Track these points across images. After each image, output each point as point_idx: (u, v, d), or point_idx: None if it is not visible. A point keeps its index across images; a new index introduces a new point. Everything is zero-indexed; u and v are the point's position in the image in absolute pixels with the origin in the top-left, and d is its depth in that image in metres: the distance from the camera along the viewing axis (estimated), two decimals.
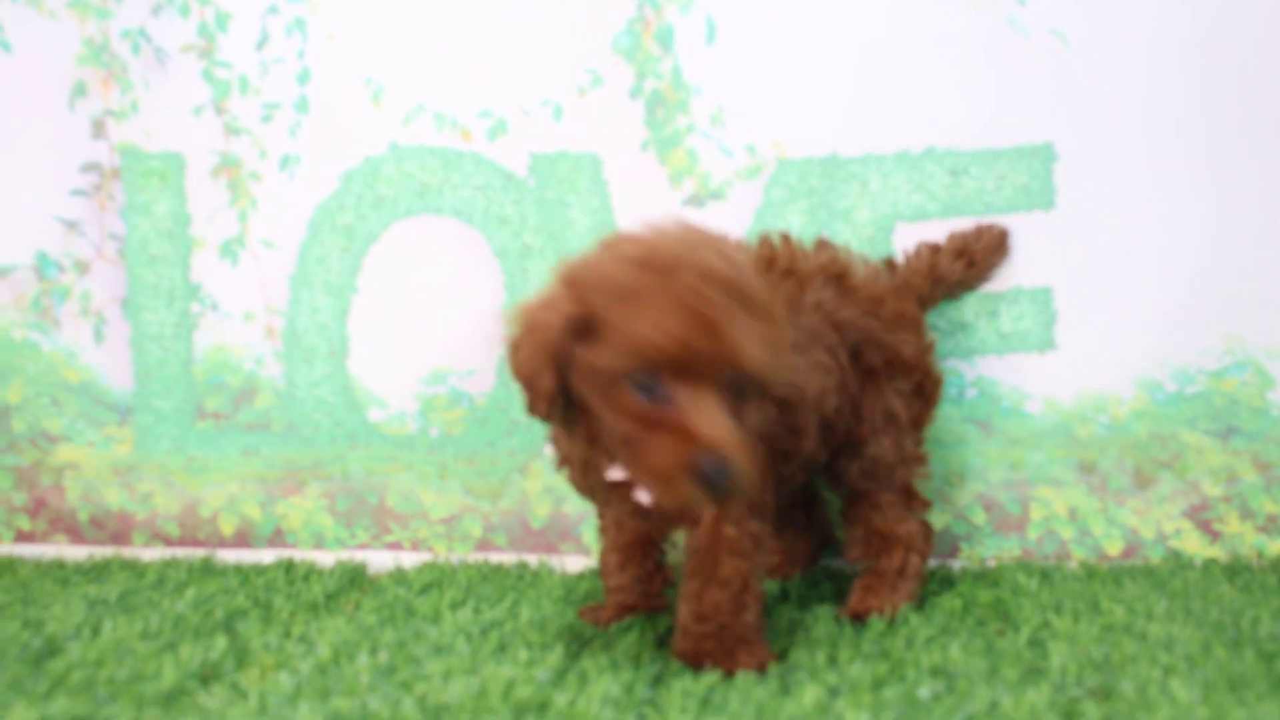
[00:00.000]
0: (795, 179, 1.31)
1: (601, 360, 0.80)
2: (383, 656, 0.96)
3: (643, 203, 1.33)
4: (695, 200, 1.32)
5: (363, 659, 0.95)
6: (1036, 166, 1.29)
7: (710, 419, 0.78)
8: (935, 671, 0.90)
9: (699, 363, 0.78)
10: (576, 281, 0.83)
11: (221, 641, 1.00)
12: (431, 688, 0.86)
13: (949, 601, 1.14)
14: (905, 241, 1.29)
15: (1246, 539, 1.29)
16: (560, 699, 0.82)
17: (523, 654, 0.95)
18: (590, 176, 1.34)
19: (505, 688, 0.85)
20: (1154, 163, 1.28)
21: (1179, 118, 1.27)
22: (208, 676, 0.92)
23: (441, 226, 1.36)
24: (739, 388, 0.81)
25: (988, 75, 1.29)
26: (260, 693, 0.86)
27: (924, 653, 0.95)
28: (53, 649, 0.99)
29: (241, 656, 0.97)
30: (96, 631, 1.05)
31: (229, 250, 1.40)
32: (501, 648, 0.98)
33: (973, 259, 1.25)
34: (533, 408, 0.86)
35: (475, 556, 1.36)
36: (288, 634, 1.05)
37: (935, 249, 1.25)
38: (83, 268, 1.41)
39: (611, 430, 0.83)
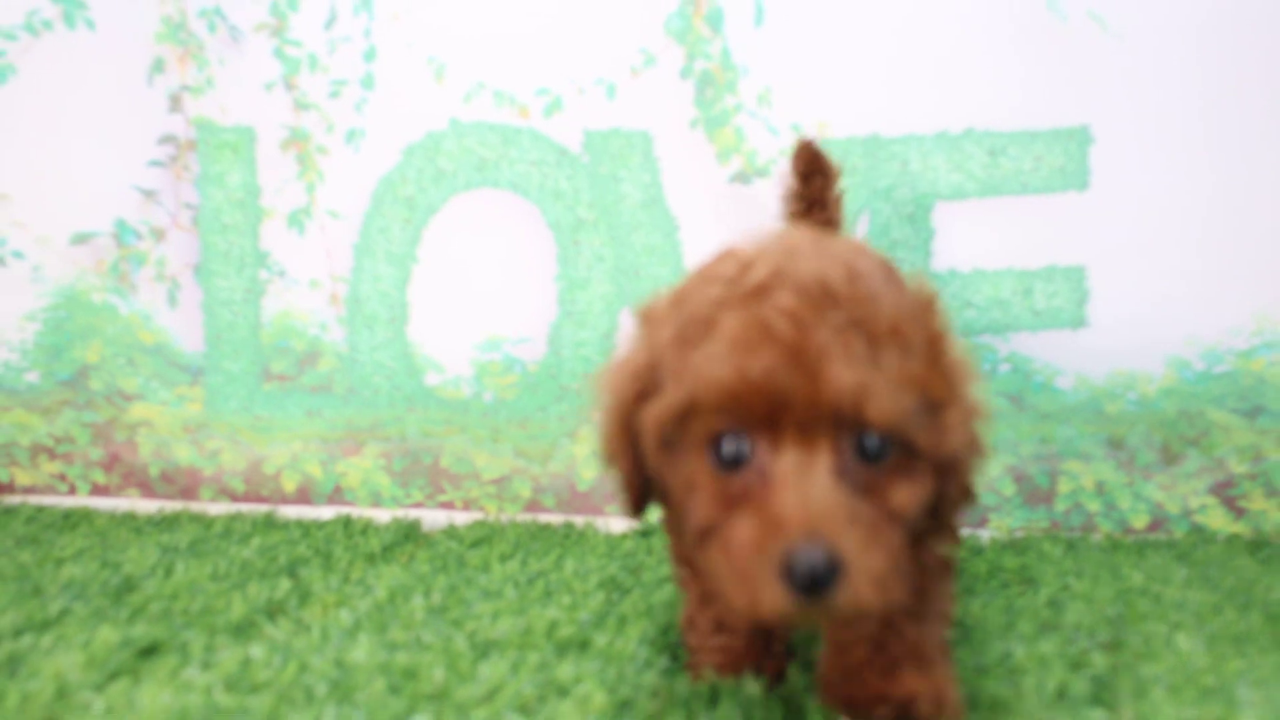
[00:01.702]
0: (839, 157, 1.35)
1: (655, 415, 0.61)
2: (435, 598, 1.03)
3: (691, 179, 1.38)
4: (742, 177, 1.38)
5: (417, 600, 1.02)
6: (1072, 148, 1.33)
7: (808, 490, 0.55)
8: (955, 624, 0.95)
9: (790, 410, 0.56)
10: (650, 317, 0.65)
11: (285, 583, 1.07)
12: (481, 626, 0.93)
13: (975, 566, 1.18)
14: (943, 219, 1.34)
15: (1270, 516, 1.32)
16: (600, 639, 0.88)
17: (566, 599, 1.02)
18: (641, 153, 1.39)
19: (549, 627, 0.92)
20: (1186, 145, 1.31)
21: (1211, 101, 1.30)
22: (274, 612, 0.99)
23: (499, 199, 1.42)
24: (874, 448, 0.58)
25: (1026, 58, 1.33)
26: (323, 626, 0.93)
27: None
28: (130, 586, 1.07)
29: (304, 597, 1.04)
30: (169, 572, 1.12)
31: (296, 220, 1.46)
32: (547, 594, 1.05)
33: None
34: (621, 501, 0.69)
35: (524, 516, 1.42)
36: (346, 579, 1.12)
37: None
38: (159, 235, 1.49)
39: (685, 518, 0.62)
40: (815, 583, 0.54)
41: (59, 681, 0.78)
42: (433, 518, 1.43)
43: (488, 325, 1.43)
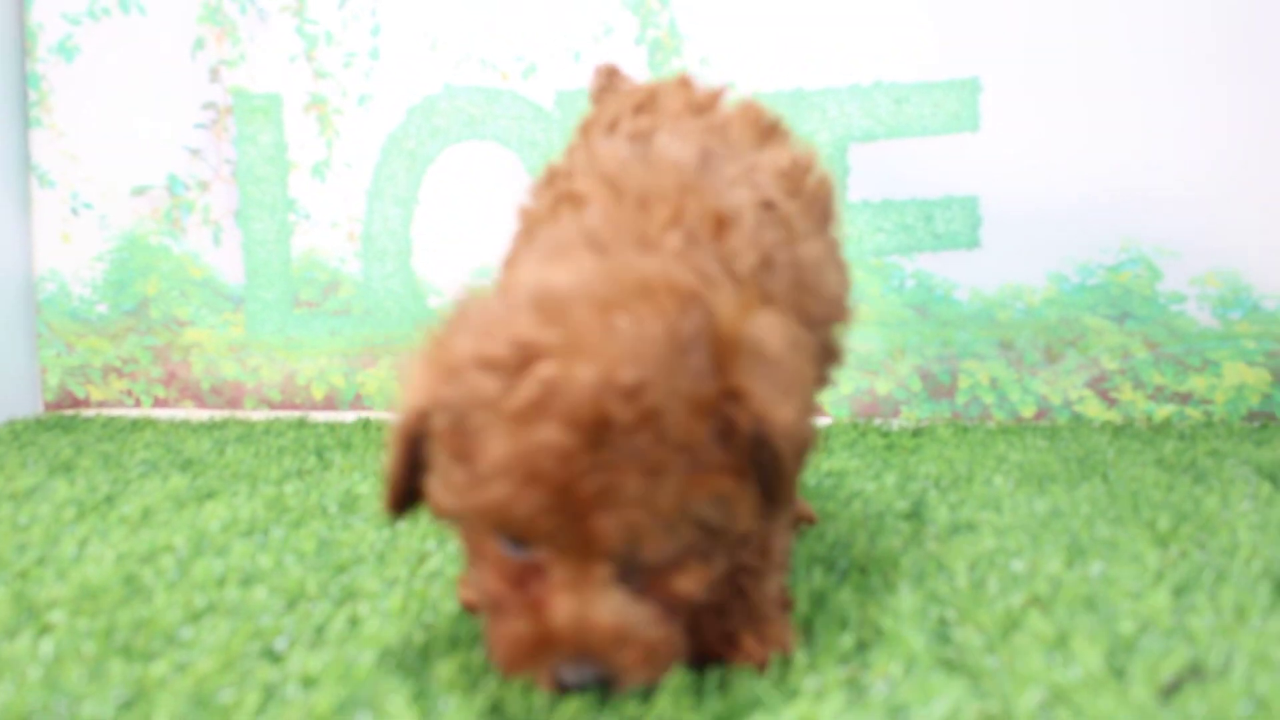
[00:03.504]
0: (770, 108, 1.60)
1: (438, 497, 0.57)
2: None
3: None
4: None
5: None
6: (965, 96, 1.57)
7: (582, 607, 0.54)
8: (829, 472, 1.23)
9: (562, 542, 0.54)
10: (435, 361, 0.57)
11: (312, 460, 1.36)
12: None
13: (874, 441, 1.44)
14: (857, 159, 1.59)
15: (1138, 405, 1.57)
16: None
17: None
18: None
19: None
20: (1062, 91, 1.54)
21: (1083, 52, 1.53)
22: (303, 473, 1.28)
23: (485, 150, 1.69)
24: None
25: (924, 18, 1.57)
26: (340, 479, 1.21)
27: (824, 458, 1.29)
28: (192, 461, 1.36)
29: (326, 466, 1.33)
30: (222, 453, 1.41)
31: (318, 171, 1.73)
32: None
33: None
34: (383, 493, 0.62)
35: None
36: (362, 458, 1.39)
37: None
38: (204, 186, 1.77)
39: (472, 569, 0.60)
40: (583, 690, 0.55)
41: (144, 509, 1.07)
42: None
43: (478, 255, 1.69)
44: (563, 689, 0.55)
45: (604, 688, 0.55)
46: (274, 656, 0.66)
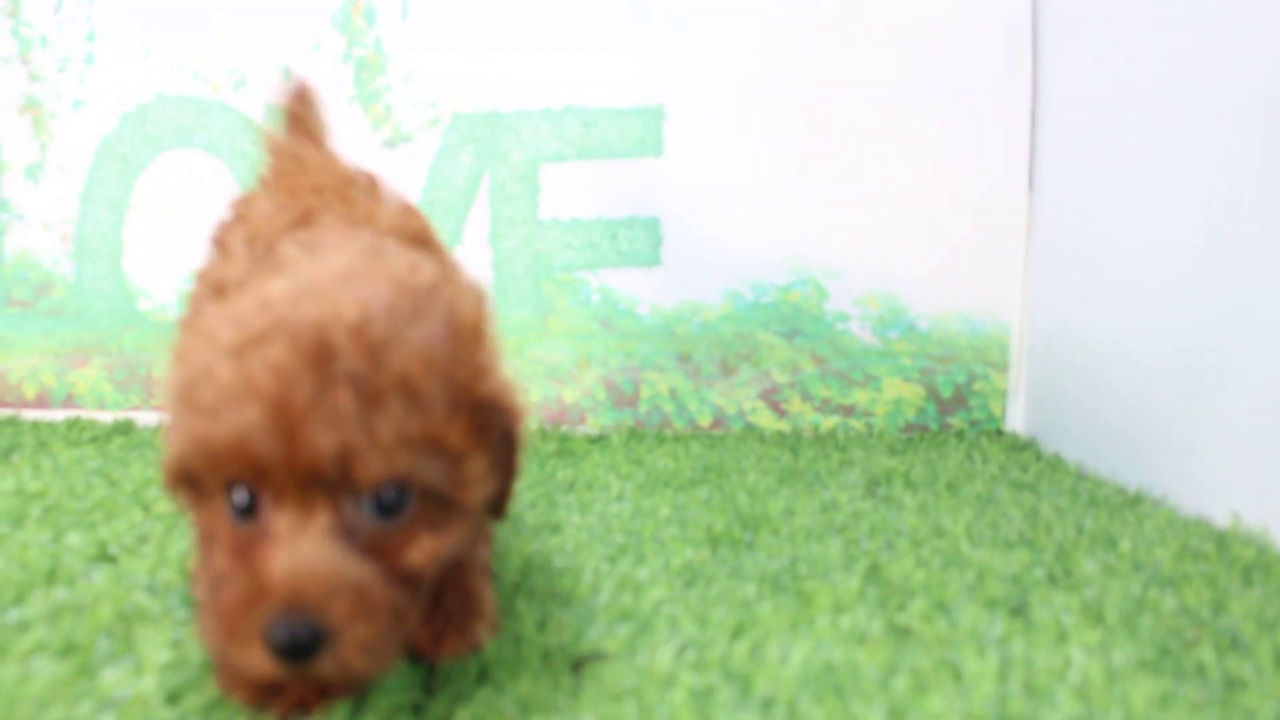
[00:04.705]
0: (466, 128, 1.69)
1: (163, 464, 0.57)
2: (100, 462, 1.35)
3: (351, 144, 1.68)
4: (390, 143, 1.70)
5: (92, 463, 1.35)
6: (650, 122, 1.67)
7: (296, 554, 0.53)
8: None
9: (277, 471, 0.54)
10: (175, 357, 0.60)
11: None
12: (132, 473, 1.26)
13: (551, 445, 1.53)
14: (548, 178, 1.67)
15: (806, 416, 1.69)
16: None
17: None
18: None
19: None
20: (740, 123, 1.65)
21: (758, 86, 1.65)
22: None
23: (196, 159, 1.73)
24: (390, 501, 0.56)
25: (613, 49, 1.66)
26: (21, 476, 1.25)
27: None
28: None
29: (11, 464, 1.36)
30: None
31: (32, 173, 1.76)
32: None
33: None
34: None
35: None
36: (55, 457, 1.43)
37: None
38: None
39: (206, 564, 0.59)
40: (297, 652, 0.52)
41: None
42: (147, 418, 1.74)
43: (188, 259, 1.72)
44: (278, 652, 0.52)
45: (317, 647, 0.52)
46: None
